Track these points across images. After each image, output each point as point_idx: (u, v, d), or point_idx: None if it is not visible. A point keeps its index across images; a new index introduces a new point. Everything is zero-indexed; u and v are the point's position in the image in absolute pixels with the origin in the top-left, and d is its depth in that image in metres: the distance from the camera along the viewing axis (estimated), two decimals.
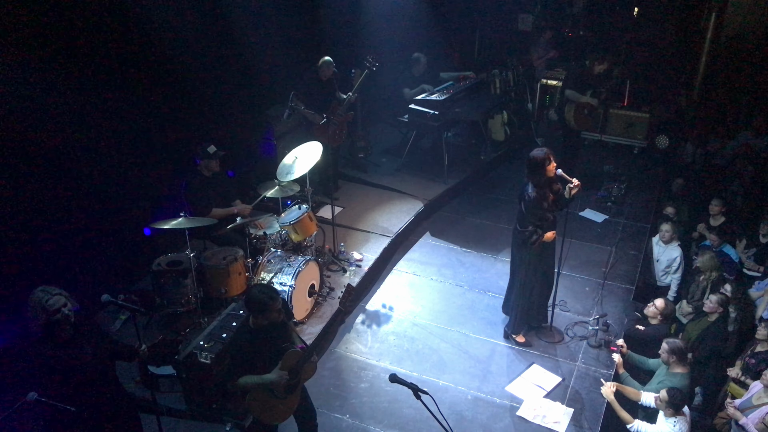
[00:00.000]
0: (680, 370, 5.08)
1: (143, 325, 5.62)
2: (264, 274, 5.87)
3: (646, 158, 9.90)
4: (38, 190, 5.35)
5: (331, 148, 7.55)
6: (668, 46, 10.97)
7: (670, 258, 6.94)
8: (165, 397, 5.06)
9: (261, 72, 7.56)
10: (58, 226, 5.52)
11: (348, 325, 6.38)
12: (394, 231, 7.52)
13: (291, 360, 4.13)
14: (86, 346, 3.83)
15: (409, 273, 7.18)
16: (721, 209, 7.45)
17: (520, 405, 5.44)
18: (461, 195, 8.79)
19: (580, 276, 7.10)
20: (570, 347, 6.11)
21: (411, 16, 9.58)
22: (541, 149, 5.44)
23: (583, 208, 8.37)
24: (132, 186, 6.19)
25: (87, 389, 3.84)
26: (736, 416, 4.95)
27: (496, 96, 10.15)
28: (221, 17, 7.07)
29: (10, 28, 4.92)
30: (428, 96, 8.52)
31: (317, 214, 7.30)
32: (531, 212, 5.42)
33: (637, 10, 11.19)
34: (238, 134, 7.59)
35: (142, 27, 6.00)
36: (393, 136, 9.65)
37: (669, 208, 7.71)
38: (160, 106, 6.38)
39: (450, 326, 6.37)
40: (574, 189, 5.46)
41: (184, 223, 5.29)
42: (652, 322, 5.91)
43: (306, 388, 4.50)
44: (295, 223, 6.04)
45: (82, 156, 5.61)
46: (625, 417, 4.98)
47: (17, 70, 4.89)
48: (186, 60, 6.44)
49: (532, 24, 11.50)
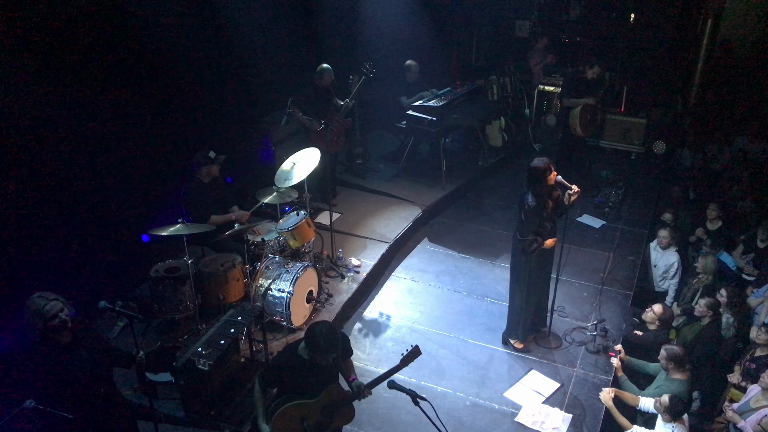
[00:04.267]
0: (679, 376, 5.07)
1: (141, 332, 5.61)
2: (262, 280, 5.87)
3: (643, 164, 9.93)
4: (36, 196, 5.35)
5: (329, 155, 7.56)
6: (664, 52, 11.02)
7: (667, 263, 6.95)
8: (163, 404, 5.04)
9: (259, 78, 7.58)
10: (55, 232, 5.52)
11: (346, 331, 6.37)
12: (392, 237, 7.52)
13: (331, 396, 3.97)
14: (83, 352, 3.82)
15: (407, 279, 7.18)
16: (718, 214, 7.47)
17: (519, 411, 5.43)
18: (459, 201, 8.81)
19: (578, 282, 7.11)
20: (568, 353, 6.11)
21: (408, 22, 9.62)
22: (542, 159, 5.42)
23: (580, 214, 8.38)
24: (130, 192, 6.19)
25: (84, 395, 3.82)
26: (734, 419, 4.95)
27: (493, 102, 10.21)
28: (219, 24, 7.09)
29: (8, 33, 4.93)
30: (426, 102, 8.55)
31: (315, 220, 7.31)
32: (530, 220, 5.41)
33: (634, 16, 11.25)
34: (236, 140, 7.60)
35: (139, 34, 6.02)
36: (391, 143, 9.68)
37: (667, 213, 7.73)
38: (158, 112, 6.39)
39: (448, 332, 6.36)
40: (574, 195, 5.45)
41: (182, 229, 5.28)
42: (651, 328, 5.91)
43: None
44: (294, 230, 6.03)
45: (80, 162, 5.62)
46: (623, 423, 4.97)
47: (16, 76, 4.89)
48: (184, 67, 6.46)
49: (529, 30, 11.56)
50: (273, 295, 5.79)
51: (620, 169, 9.61)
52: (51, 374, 3.69)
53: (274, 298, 5.78)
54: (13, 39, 4.97)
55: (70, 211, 5.65)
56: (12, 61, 4.89)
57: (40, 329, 3.65)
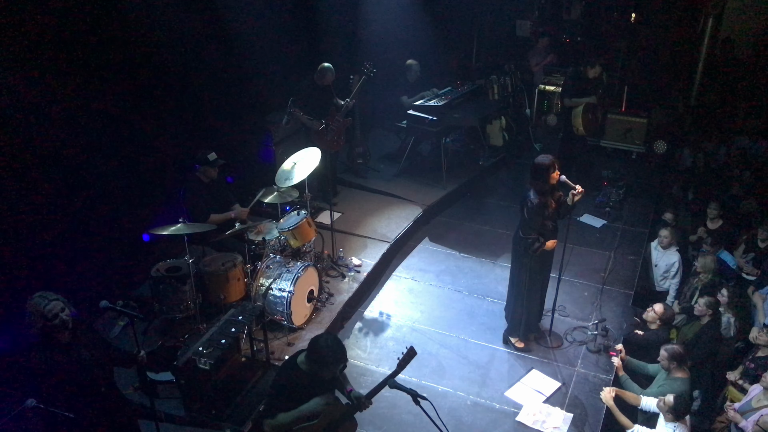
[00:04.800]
0: (680, 375, 5.07)
1: (142, 331, 5.60)
2: (263, 279, 5.87)
3: (644, 163, 9.93)
4: (37, 196, 5.35)
5: (330, 154, 7.56)
6: (665, 52, 11.02)
7: (668, 263, 6.95)
8: (163, 403, 5.04)
9: (260, 78, 7.58)
10: (56, 232, 5.52)
11: (347, 330, 6.38)
12: (392, 236, 7.52)
13: (333, 412, 3.86)
14: (84, 351, 3.83)
15: (407, 278, 7.18)
16: (719, 213, 7.46)
17: (520, 410, 5.43)
18: (460, 200, 8.80)
19: (579, 281, 7.10)
20: (569, 352, 6.11)
21: (409, 22, 9.61)
22: (547, 156, 5.40)
23: (581, 214, 8.37)
24: (131, 192, 6.19)
25: (85, 395, 3.83)
26: (735, 419, 4.94)
27: (494, 102, 10.20)
28: (220, 23, 7.08)
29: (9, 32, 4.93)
30: (426, 101, 8.54)
31: (316, 219, 7.30)
32: (533, 218, 5.38)
33: (635, 16, 11.25)
34: (237, 140, 7.59)
35: (140, 33, 6.01)
36: (391, 142, 9.67)
37: (668, 213, 7.72)
38: (158, 111, 6.39)
39: (449, 331, 6.36)
40: (578, 196, 5.40)
41: (182, 229, 5.28)
42: (651, 327, 5.90)
43: None
44: (294, 229, 6.04)
45: (81, 161, 5.62)
46: (624, 422, 4.97)
47: (17, 74, 4.89)
48: (185, 66, 6.46)
49: (530, 30, 11.55)
50: (274, 295, 5.79)
51: (621, 169, 9.59)
52: (52, 374, 3.69)
53: (275, 297, 5.78)
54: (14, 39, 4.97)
55: (71, 210, 5.65)
56: (12, 61, 4.89)
57: (41, 329, 3.66)
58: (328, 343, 3.77)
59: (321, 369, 3.77)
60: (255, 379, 5.30)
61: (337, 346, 3.79)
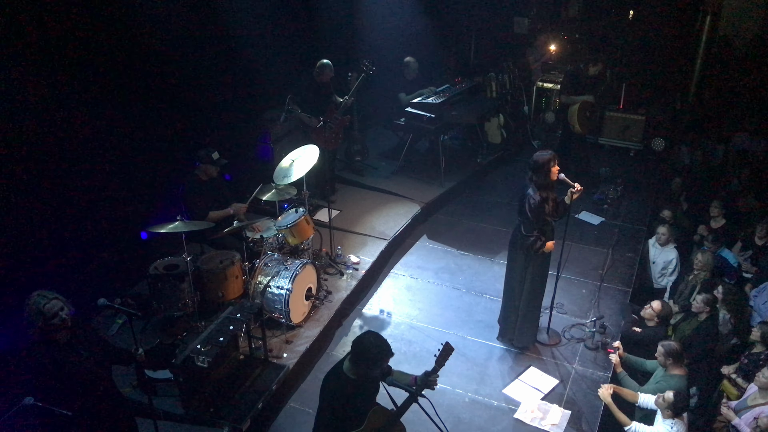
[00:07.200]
0: (678, 371, 5.08)
1: (140, 329, 5.60)
2: (261, 277, 5.87)
3: (642, 160, 9.93)
4: (34, 194, 5.34)
5: (328, 152, 7.55)
6: (663, 49, 11.03)
7: (666, 260, 6.96)
8: (162, 401, 5.04)
9: (258, 75, 7.57)
10: (54, 230, 5.51)
11: (345, 328, 6.38)
12: (390, 234, 7.52)
13: (378, 419, 3.80)
14: (83, 350, 3.83)
15: (406, 276, 7.19)
16: (721, 211, 7.47)
17: (518, 407, 5.44)
18: (458, 198, 8.81)
19: (577, 278, 7.11)
20: (567, 350, 6.12)
21: (407, 19, 9.60)
22: (547, 151, 5.37)
23: (579, 211, 8.38)
24: (129, 190, 6.18)
25: (83, 393, 3.83)
26: (729, 416, 4.97)
27: (492, 99, 10.20)
28: (218, 21, 7.07)
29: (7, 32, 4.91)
30: (425, 99, 8.54)
31: (314, 217, 7.30)
32: (534, 216, 5.32)
33: (633, 14, 11.25)
34: (235, 138, 7.59)
35: (137, 31, 6.00)
36: (389, 140, 9.67)
37: (666, 210, 7.73)
38: (156, 109, 6.37)
39: (447, 329, 6.37)
40: (576, 194, 5.35)
41: (180, 226, 5.28)
42: (649, 324, 5.92)
43: None
44: (292, 227, 6.04)
45: (79, 159, 5.61)
46: (622, 419, 4.98)
47: (14, 74, 4.88)
48: (183, 63, 6.44)
49: (528, 27, 11.55)
50: (272, 292, 5.79)
51: (619, 166, 9.61)
52: (50, 372, 3.69)
53: (273, 295, 5.78)
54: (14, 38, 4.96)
55: (69, 208, 5.64)
56: (12, 61, 4.88)
57: (40, 328, 3.65)
58: (371, 341, 3.73)
59: (371, 368, 3.72)
60: (253, 376, 5.31)
61: (381, 342, 3.74)
